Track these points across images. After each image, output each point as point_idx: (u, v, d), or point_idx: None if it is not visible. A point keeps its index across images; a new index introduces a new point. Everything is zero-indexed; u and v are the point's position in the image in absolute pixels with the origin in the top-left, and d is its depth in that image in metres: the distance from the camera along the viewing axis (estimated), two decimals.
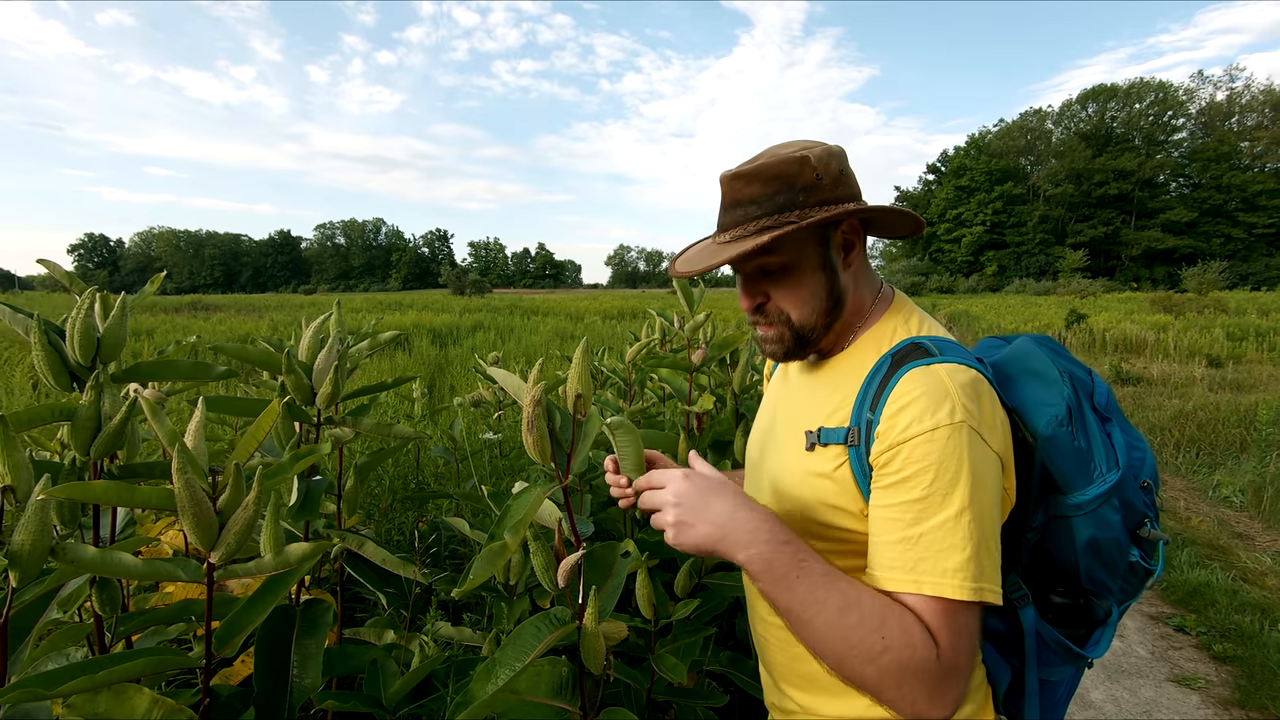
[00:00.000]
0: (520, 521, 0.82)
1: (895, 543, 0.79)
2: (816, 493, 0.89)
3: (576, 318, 22.58)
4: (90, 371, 0.91)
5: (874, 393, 0.86)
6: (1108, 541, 0.89)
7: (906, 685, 0.75)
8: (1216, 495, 5.65)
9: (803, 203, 0.88)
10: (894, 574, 0.78)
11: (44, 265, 1.06)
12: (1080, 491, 0.88)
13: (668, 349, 2.36)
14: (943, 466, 0.77)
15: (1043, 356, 0.94)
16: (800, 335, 0.94)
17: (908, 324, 0.94)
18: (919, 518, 0.78)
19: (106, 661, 0.73)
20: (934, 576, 0.76)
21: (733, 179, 0.90)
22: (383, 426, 1.28)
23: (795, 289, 0.92)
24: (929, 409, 0.79)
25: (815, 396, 0.96)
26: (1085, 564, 0.90)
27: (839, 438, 0.87)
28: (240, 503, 0.74)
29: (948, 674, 0.75)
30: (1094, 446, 0.89)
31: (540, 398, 0.84)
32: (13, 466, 0.74)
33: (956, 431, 0.78)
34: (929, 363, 0.83)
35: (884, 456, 0.81)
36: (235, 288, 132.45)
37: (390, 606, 1.33)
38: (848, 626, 0.76)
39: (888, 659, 0.74)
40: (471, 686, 0.82)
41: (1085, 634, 0.94)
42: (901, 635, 0.75)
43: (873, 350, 0.92)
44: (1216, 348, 13.08)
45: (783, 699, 1.01)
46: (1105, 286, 45.28)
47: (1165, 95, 71.59)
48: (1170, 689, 3.01)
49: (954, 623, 0.76)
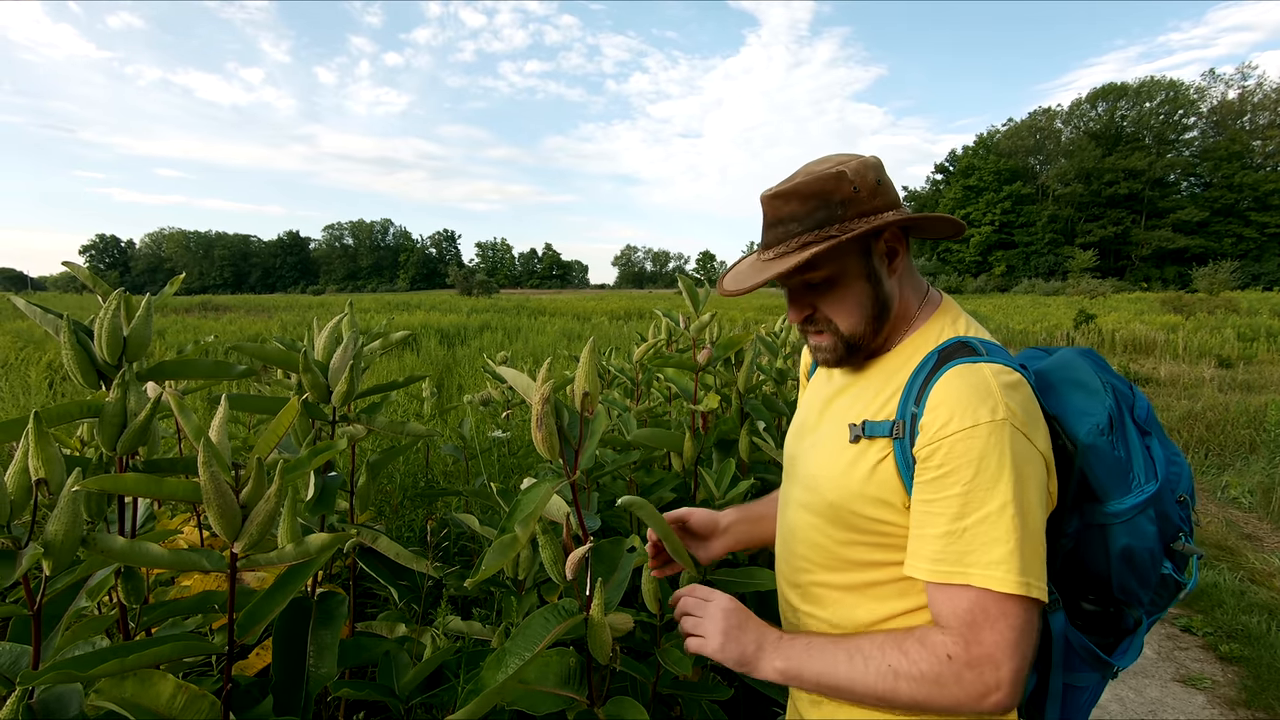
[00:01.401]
0: (530, 515, 0.84)
1: (940, 536, 0.82)
2: (857, 485, 0.91)
3: (583, 318, 22.63)
4: (117, 370, 0.95)
5: (919, 387, 0.88)
6: (1142, 551, 0.90)
7: (938, 695, 0.80)
8: (1225, 496, 5.63)
9: (841, 216, 0.90)
10: (940, 566, 0.81)
11: (68, 267, 1.09)
12: (1118, 500, 0.89)
13: (674, 349, 2.39)
14: (984, 462, 0.79)
15: (1086, 367, 0.97)
16: (850, 343, 0.97)
17: (955, 325, 0.97)
18: (963, 511, 0.80)
19: (135, 646, 0.76)
20: (981, 569, 0.79)
21: (772, 198, 0.93)
22: (395, 424, 1.31)
23: (841, 300, 0.95)
24: (971, 405, 0.81)
25: (862, 393, 0.98)
26: (1118, 573, 0.91)
27: (884, 431, 0.90)
28: (262, 495, 0.77)
29: (974, 665, 0.78)
30: (1134, 457, 0.91)
31: (549, 396, 0.87)
32: (46, 460, 0.77)
33: (998, 428, 0.80)
34: (975, 361, 0.86)
35: (926, 450, 0.83)
36: (244, 288, 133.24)
37: (402, 600, 1.36)
38: (859, 672, 0.83)
39: (905, 683, 0.80)
40: (482, 675, 0.85)
41: (1114, 642, 0.96)
42: (901, 657, 0.81)
43: (919, 349, 0.95)
44: (1227, 348, 13.00)
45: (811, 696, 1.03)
46: (1115, 287, 44.98)
47: (1176, 94, 71.06)
48: (1176, 689, 3.02)
49: (986, 614, 0.79)
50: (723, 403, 2.05)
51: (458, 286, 55.16)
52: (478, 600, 1.86)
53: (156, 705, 0.78)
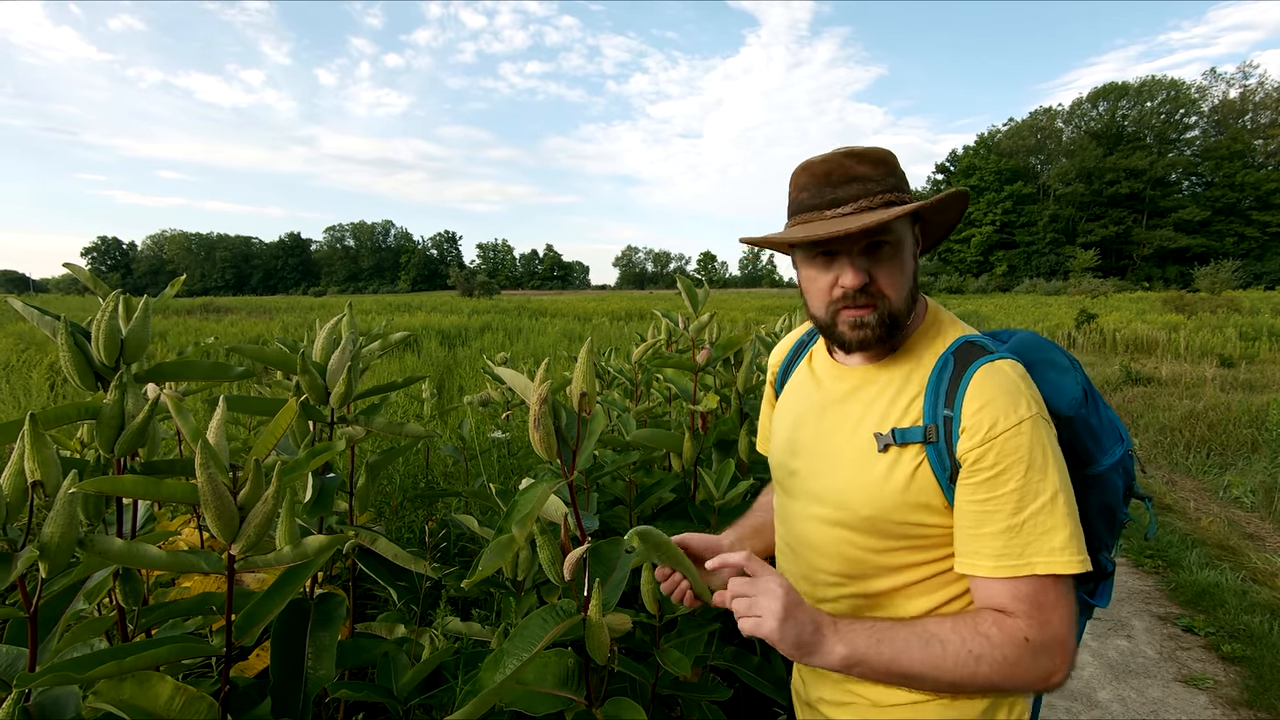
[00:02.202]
0: (527, 515, 0.84)
1: (1000, 533, 0.85)
2: (897, 494, 0.92)
3: (584, 319, 22.64)
4: (114, 371, 0.95)
5: (945, 390, 0.91)
6: (1113, 504, 1.00)
7: (1014, 676, 0.82)
8: (1227, 496, 5.62)
9: (899, 188, 0.93)
10: (1005, 561, 0.84)
11: (69, 269, 1.09)
12: (1098, 463, 0.97)
13: (673, 349, 2.39)
14: (1033, 456, 0.84)
15: (1052, 347, 1.02)
16: (894, 319, 0.94)
17: (953, 325, 1.00)
18: (1019, 506, 0.84)
19: (133, 648, 0.76)
20: (1044, 556, 0.83)
21: (845, 156, 0.93)
22: (394, 425, 1.31)
23: (898, 270, 0.93)
24: (1011, 404, 0.86)
25: (875, 397, 0.97)
26: (1095, 526, 0.99)
27: (916, 437, 0.91)
28: (260, 497, 0.77)
29: (1045, 646, 0.82)
30: (1104, 423, 0.99)
31: (547, 396, 0.87)
32: (42, 462, 0.77)
33: (1036, 423, 0.85)
34: (992, 360, 0.90)
35: (975, 453, 0.86)
36: (246, 290, 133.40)
37: (401, 601, 1.36)
38: (938, 658, 0.83)
39: (985, 666, 0.82)
40: (480, 676, 0.85)
41: (1094, 587, 1.05)
42: (983, 641, 0.83)
43: (927, 350, 0.97)
44: (1229, 348, 12.98)
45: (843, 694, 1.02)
46: (1116, 286, 44.90)
47: (1177, 93, 71.03)
48: (1178, 689, 3.01)
49: (1048, 598, 0.83)
50: (722, 403, 2.05)
51: (459, 288, 55.22)
52: (477, 601, 1.86)
53: (155, 707, 0.78)
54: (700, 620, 1.50)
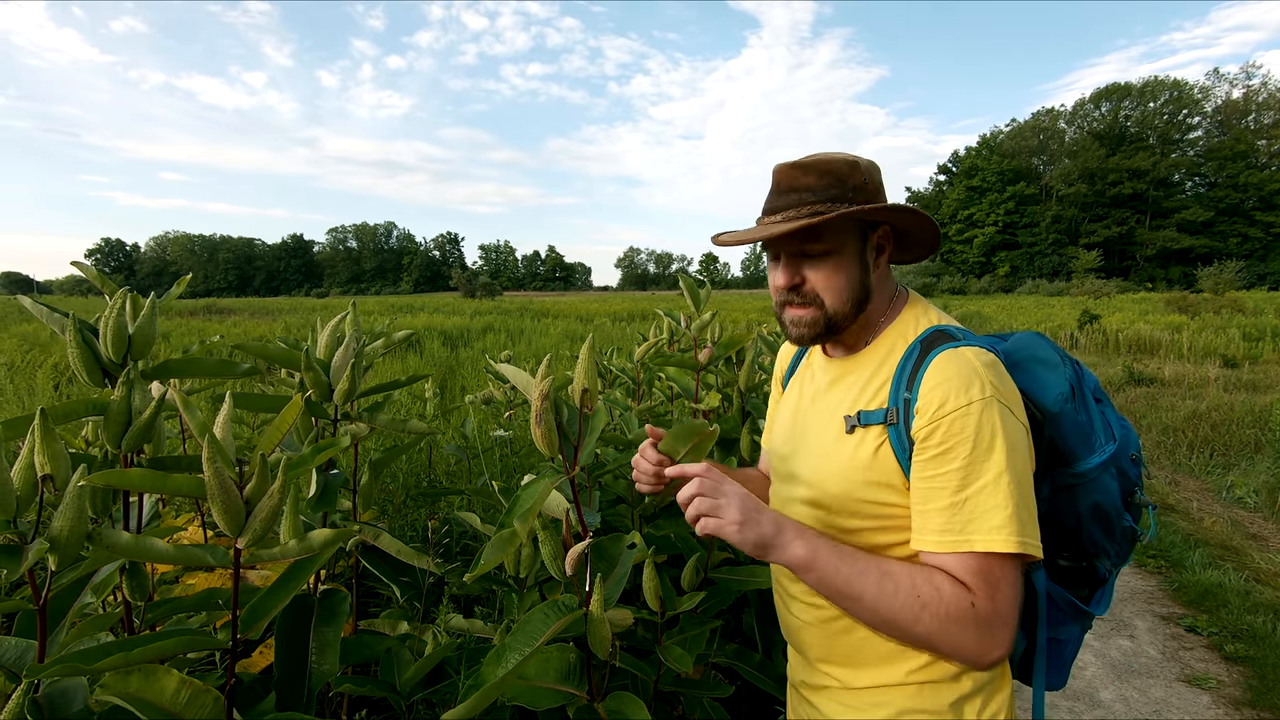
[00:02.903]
0: (529, 510, 0.85)
1: (944, 509, 0.88)
2: (860, 472, 0.96)
3: (586, 320, 22.65)
4: (121, 368, 0.96)
5: (909, 374, 0.95)
6: (1107, 506, 1.00)
7: (954, 635, 0.85)
8: (1230, 496, 5.61)
9: (851, 199, 0.97)
10: (946, 537, 0.87)
11: (76, 267, 1.10)
12: (1084, 461, 0.98)
13: (675, 349, 2.40)
14: (979, 437, 0.87)
15: (1045, 345, 1.05)
16: (831, 321, 1.00)
17: (927, 315, 1.04)
18: (963, 484, 0.87)
19: (139, 641, 0.77)
20: (983, 534, 0.85)
21: (791, 168, 0.99)
22: (397, 422, 1.32)
23: (833, 276, 0.99)
24: (962, 386, 0.88)
25: (850, 387, 1.03)
26: (1087, 528, 1.00)
27: (878, 418, 0.95)
28: (266, 491, 0.78)
29: (989, 620, 0.85)
30: (1094, 421, 1.00)
31: (548, 392, 0.88)
32: (52, 456, 0.78)
33: (988, 405, 0.87)
34: (956, 346, 0.93)
35: (924, 431, 0.90)
36: (249, 291, 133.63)
37: (404, 598, 1.37)
38: (888, 594, 0.86)
39: (928, 615, 0.85)
40: (482, 670, 0.85)
41: (1089, 594, 1.05)
42: (933, 591, 0.85)
43: (899, 340, 1.01)
44: (1232, 348, 12.94)
45: (817, 676, 1.07)
46: (1119, 287, 44.81)
47: (1180, 93, 70.81)
48: (1181, 689, 3.01)
49: (993, 575, 0.85)
50: (724, 401, 2.06)
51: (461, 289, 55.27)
52: (480, 599, 1.86)
53: (161, 700, 0.79)
54: (702, 617, 1.51)
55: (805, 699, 1.10)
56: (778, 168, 1.01)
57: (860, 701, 1.00)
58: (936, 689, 0.95)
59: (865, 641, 0.99)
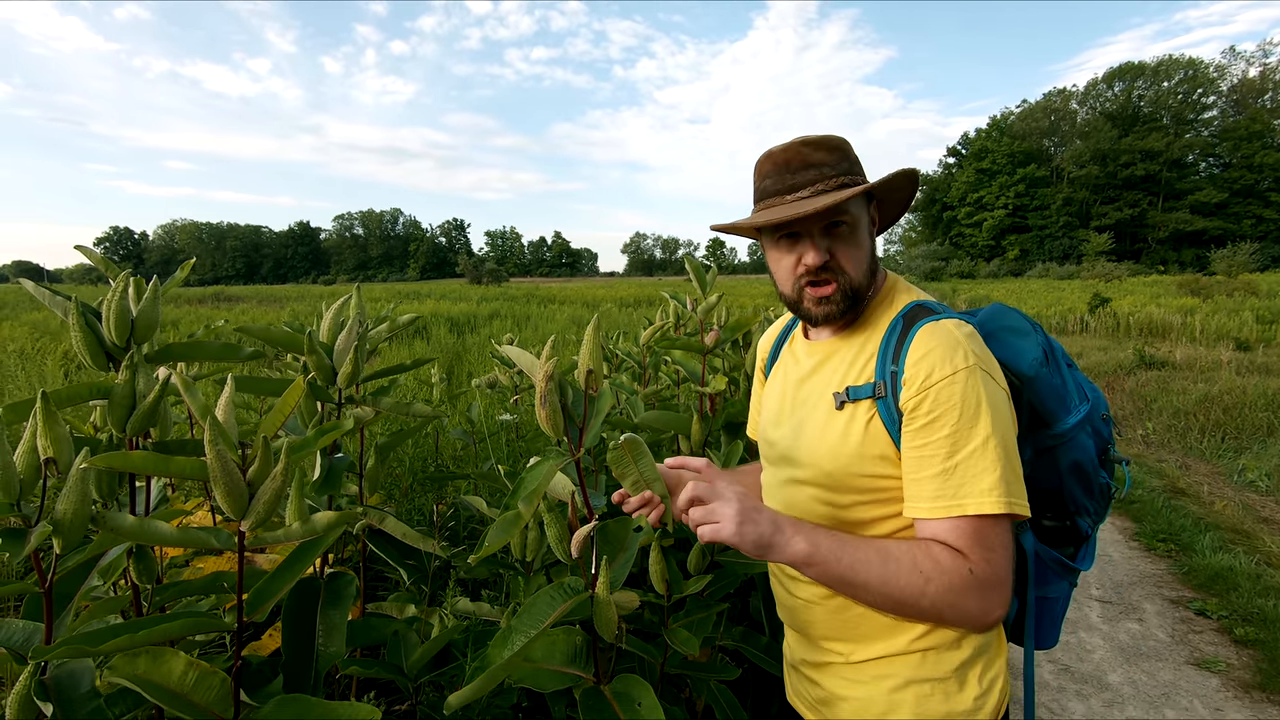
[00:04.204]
0: (534, 492, 0.84)
1: (935, 476, 0.90)
2: (853, 446, 0.98)
3: (592, 305, 22.62)
4: (125, 352, 0.95)
5: (893, 348, 0.97)
6: (1086, 464, 1.05)
7: (957, 604, 0.88)
8: (1242, 480, 5.57)
9: (854, 171, 1.00)
10: (939, 502, 0.89)
11: (80, 251, 1.10)
12: (1061, 422, 1.03)
13: (682, 333, 2.38)
14: (965, 404, 0.89)
15: (1015, 314, 1.08)
16: (854, 292, 1.02)
17: (908, 293, 1.07)
18: (952, 450, 0.89)
19: (146, 623, 0.77)
20: (975, 498, 0.88)
21: (803, 145, 1.00)
22: (402, 405, 1.32)
23: (856, 248, 1.01)
24: (946, 356, 0.91)
25: (838, 366, 1.05)
26: (1068, 487, 1.05)
27: (867, 392, 0.97)
28: (269, 474, 0.78)
29: (987, 583, 0.88)
30: (1067, 383, 1.05)
31: (553, 373, 0.87)
32: (54, 440, 0.78)
33: (971, 373, 0.90)
34: (937, 319, 0.97)
35: (912, 401, 0.92)
36: (256, 279, 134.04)
37: (410, 581, 1.37)
38: (891, 575, 0.88)
39: (932, 588, 0.87)
40: (488, 652, 0.85)
41: (1074, 551, 1.10)
42: (932, 564, 0.88)
43: (882, 316, 1.04)
44: (1245, 331, 12.79)
45: (820, 654, 1.08)
46: (1130, 270, 44.25)
47: (1195, 72, 69.54)
48: (1190, 672, 3.00)
49: (986, 538, 0.88)
50: (730, 385, 2.04)
51: (467, 275, 55.30)
52: (486, 583, 1.87)
53: (168, 682, 0.79)
54: (708, 600, 1.51)
55: (806, 677, 1.11)
56: (779, 147, 1.01)
57: (864, 674, 1.01)
58: (939, 655, 0.97)
59: (867, 615, 1.00)
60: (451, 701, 0.83)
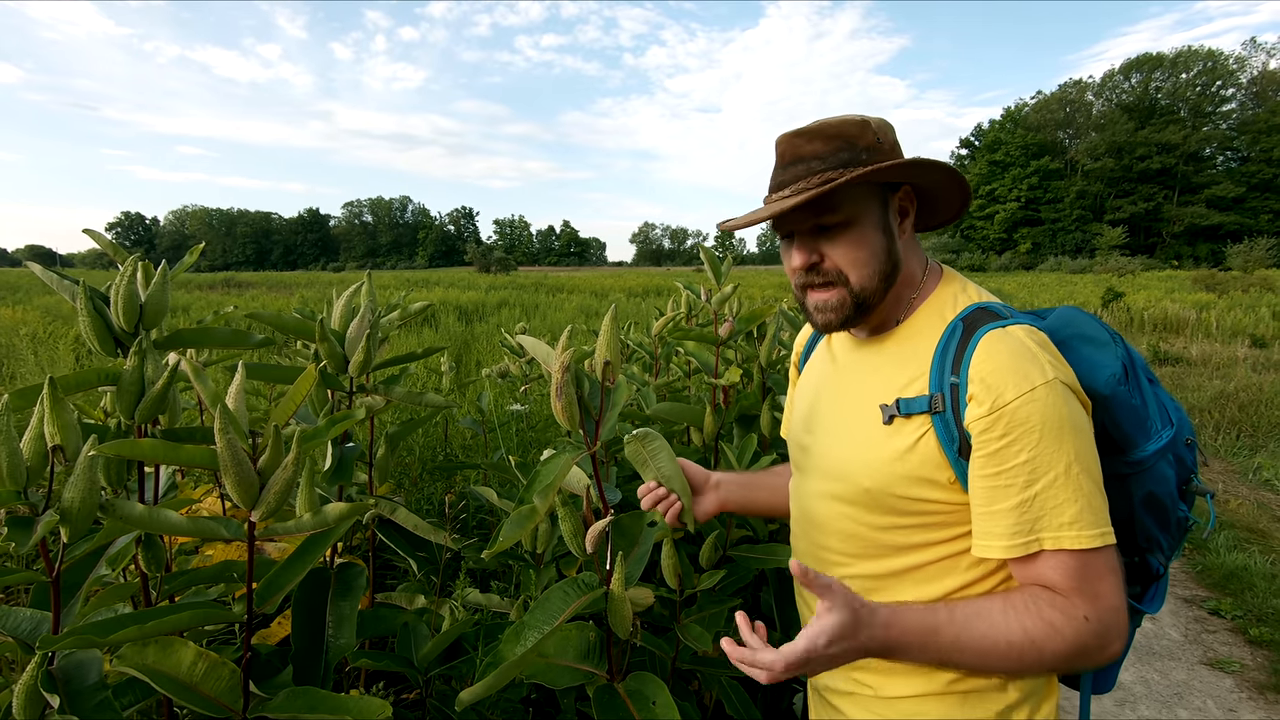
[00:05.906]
0: (549, 485, 0.82)
1: (1010, 509, 0.80)
2: (897, 466, 0.88)
3: (601, 295, 22.59)
4: (134, 337, 0.94)
5: (953, 357, 0.86)
6: (1163, 496, 0.91)
7: (1083, 656, 0.79)
8: (1257, 478, 5.50)
9: (865, 161, 0.88)
10: (1015, 540, 0.80)
11: (89, 235, 1.08)
12: (1140, 448, 0.89)
13: (694, 323, 2.36)
14: (1046, 425, 0.78)
15: (1090, 321, 0.96)
16: (860, 300, 0.91)
17: (965, 292, 0.94)
18: (1031, 479, 0.79)
19: (155, 613, 0.76)
20: (1052, 532, 0.79)
21: (793, 136, 0.90)
22: (414, 394, 1.30)
23: (855, 248, 0.90)
24: (1021, 370, 0.80)
25: (882, 370, 0.94)
26: (1140, 520, 0.92)
27: (921, 406, 0.86)
28: (280, 463, 0.76)
29: (1103, 621, 0.78)
30: (1149, 404, 0.91)
31: (569, 363, 0.84)
32: (62, 427, 0.76)
33: (1052, 389, 0.79)
34: (1004, 325, 0.85)
35: (982, 423, 0.81)
36: (266, 265, 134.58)
37: (420, 572, 1.36)
38: (1000, 653, 0.78)
39: (1049, 653, 0.77)
40: (501, 648, 0.84)
41: (1141, 591, 0.97)
42: (1045, 627, 0.78)
43: (936, 318, 0.92)
44: (1261, 327, 12.62)
45: (845, 682, 0.99)
46: (1145, 264, 43.87)
47: (1214, 64, 68.46)
48: (1203, 672, 2.97)
49: (1088, 573, 0.79)
50: (744, 377, 2.02)
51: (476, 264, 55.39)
52: (496, 574, 1.86)
53: (177, 672, 0.78)
54: (721, 596, 1.49)
55: (829, 703, 1.03)
56: (780, 136, 0.93)
57: (894, 711, 0.92)
58: (981, 698, 0.88)
59: None
60: (463, 698, 0.81)
